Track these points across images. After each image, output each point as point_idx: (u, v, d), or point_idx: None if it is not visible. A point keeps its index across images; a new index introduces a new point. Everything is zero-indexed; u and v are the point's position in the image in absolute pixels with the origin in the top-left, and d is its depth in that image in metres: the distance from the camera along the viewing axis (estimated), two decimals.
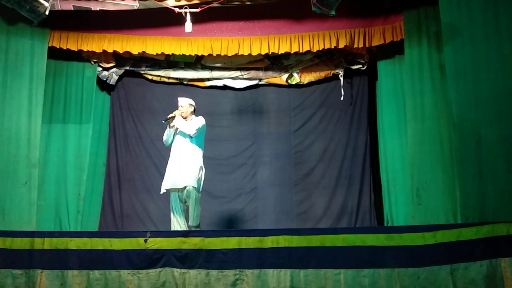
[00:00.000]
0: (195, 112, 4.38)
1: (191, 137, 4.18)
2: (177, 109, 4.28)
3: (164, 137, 4.30)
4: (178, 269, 3.36)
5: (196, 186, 4.12)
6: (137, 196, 5.46)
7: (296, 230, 4.13)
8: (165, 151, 5.55)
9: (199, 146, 4.24)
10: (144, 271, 3.37)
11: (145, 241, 3.41)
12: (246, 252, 3.37)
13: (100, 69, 5.52)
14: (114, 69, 5.60)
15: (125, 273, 3.36)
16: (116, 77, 5.66)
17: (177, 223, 4.18)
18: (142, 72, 5.67)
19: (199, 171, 4.17)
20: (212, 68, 5.60)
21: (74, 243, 3.47)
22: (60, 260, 3.43)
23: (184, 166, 4.09)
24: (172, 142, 4.28)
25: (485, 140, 4.02)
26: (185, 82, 5.74)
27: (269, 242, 3.41)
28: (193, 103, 4.35)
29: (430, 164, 4.47)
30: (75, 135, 5.24)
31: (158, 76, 5.69)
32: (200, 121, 4.25)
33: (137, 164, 5.56)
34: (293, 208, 5.41)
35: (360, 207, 5.34)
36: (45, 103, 4.94)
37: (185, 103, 4.30)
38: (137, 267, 3.37)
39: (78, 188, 5.13)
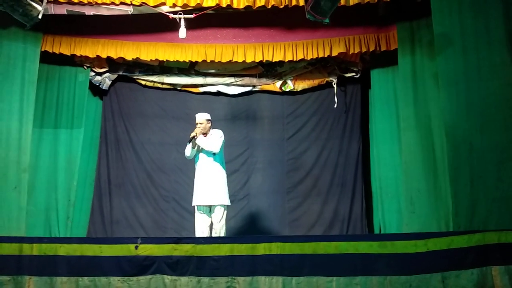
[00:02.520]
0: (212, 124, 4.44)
1: (215, 154, 4.27)
2: (196, 127, 4.31)
3: (187, 154, 4.36)
4: (169, 276, 3.32)
5: (225, 204, 4.27)
6: (127, 201, 5.42)
7: (288, 237, 4.11)
8: (156, 156, 5.55)
9: (221, 160, 4.35)
10: (135, 278, 3.33)
11: (136, 247, 3.37)
12: (238, 259, 3.35)
13: (93, 74, 5.50)
14: (107, 74, 5.58)
15: (115, 280, 3.32)
16: (109, 82, 5.64)
17: (201, 233, 4.24)
18: (135, 77, 5.65)
19: (227, 187, 4.33)
20: (206, 74, 5.60)
21: (63, 249, 3.42)
22: (49, 267, 3.38)
23: (212, 186, 4.22)
24: (196, 159, 4.37)
25: (477, 148, 4.05)
26: (178, 88, 5.73)
27: (262, 249, 3.39)
28: (210, 117, 4.40)
29: (423, 173, 4.50)
30: (66, 140, 5.20)
31: (152, 81, 5.67)
32: (219, 136, 4.33)
33: (128, 170, 5.52)
34: (286, 215, 5.41)
35: (352, 214, 5.34)
36: (36, 107, 4.89)
37: (203, 119, 4.33)
38: (127, 274, 3.33)
39: (68, 194, 5.08)
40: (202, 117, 4.35)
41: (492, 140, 4.01)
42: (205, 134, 4.33)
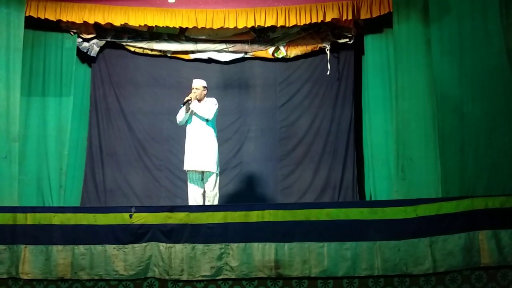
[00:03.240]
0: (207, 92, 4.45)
1: (208, 120, 4.28)
2: (192, 91, 4.34)
3: (179, 118, 4.39)
4: (164, 244, 3.38)
5: (217, 172, 4.31)
6: (120, 170, 5.41)
7: (281, 205, 4.18)
8: (148, 125, 5.52)
9: (214, 127, 4.40)
10: (130, 245, 3.38)
11: (130, 216, 3.41)
12: (231, 226, 3.41)
13: (80, 40, 5.35)
14: (94, 40, 5.43)
15: (111, 248, 3.37)
16: (97, 49, 5.49)
17: (194, 201, 4.29)
18: (124, 43, 5.51)
19: (218, 154, 4.35)
20: (196, 41, 5.48)
21: (57, 219, 3.44)
22: (44, 235, 3.41)
23: (204, 150, 4.25)
24: (187, 123, 4.39)
25: (468, 116, 4.09)
26: (168, 55, 5.61)
27: (254, 216, 3.45)
28: (206, 84, 4.43)
29: (415, 141, 4.53)
30: (55, 109, 5.13)
31: (141, 48, 5.54)
32: (214, 103, 4.38)
33: (120, 138, 5.48)
34: (278, 182, 5.46)
35: (344, 181, 5.41)
36: (23, 75, 4.78)
37: (200, 85, 4.38)
38: (122, 242, 3.38)
39: (60, 163, 5.06)
40: (199, 83, 4.39)
41: (484, 108, 4.04)
42: (199, 100, 4.35)
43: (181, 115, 4.36)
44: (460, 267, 3.39)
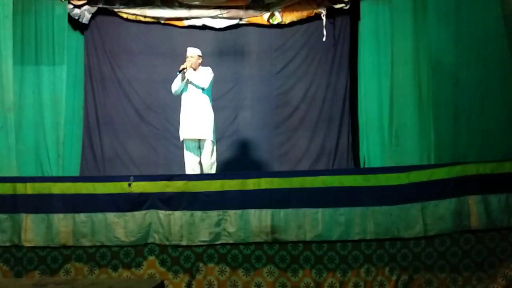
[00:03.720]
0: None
1: (203, 89, 4.26)
2: (186, 60, 4.32)
3: (175, 88, 4.38)
4: (163, 211, 3.45)
5: (213, 140, 4.34)
6: (117, 139, 5.44)
7: (276, 173, 4.25)
8: (143, 93, 5.50)
9: (209, 96, 4.40)
10: (130, 213, 3.45)
11: (129, 185, 3.46)
12: (228, 194, 3.47)
13: (71, 6, 5.24)
14: (86, 7, 5.32)
15: (111, 216, 3.43)
16: (89, 16, 5.39)
17: (192, 170, 4.34)
18: (116, 10, 5.40)
19: (213, 122, 4.38)
20: (190, 7, 5.38)
21: (57, 188, 3.49)
22: (44, 204, 3.46)
23: (200, 118, 4.27)
24: (182, 92, 4.37)
25: (462, 83, 4.10)
26: (162, 22, 5.51)
27: (251, 184, 3.50)
28: (201, 53, 4.41)
29: (409, 107, 4.56)
30: (49, 77, 5.08)
31: (134, 14, 5.44)
32: (209, 72, 4.36)
33: (116, 107, 5.48)
34: (274, 149, 5.52)
35: (338, 148, 5.48)
36: (15, 43, 4.68)
37: (194, 54, 4.36)
38: (122, 210, 3.44)
39: (57, 132, 5.06)
40: (193, 52, 4.37)
41: (478, 75, 4.05)
42: (194, 69, 4.33)
43: (176, 84, 4.35)
44: (450, 231, 3.50)
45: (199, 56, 4.38)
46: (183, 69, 4.26)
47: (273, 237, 3.43)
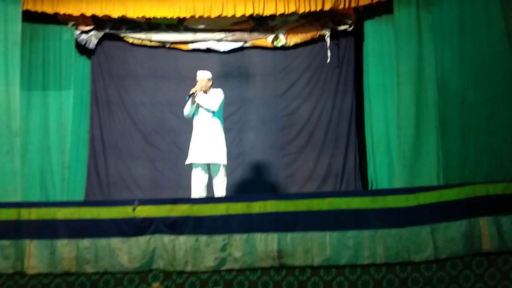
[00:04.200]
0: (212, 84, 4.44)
1: (214, 112, 4.28)
2: (196, 84, 4.33)
3: (186, 112, 4.38)
4: (167, 236, 3.41)
5: (225, 163, 4.31)
6: (123, 162, 5.43)
7: (283, 195, 4.21)
8: (149, 116, 5.51)
9: (220, 118, 4.38)
10: (134, 238, 3.41)
11: (133, 209, 3.43)
12: (234, 218, 3.43)
13: (78, 32, 5.32)
14: (93, 32, 5.40)
15: (115, 241, 3.40)
16: (96, 41, 5.46)
17: (199, 194, 4.28)
18: (122, 35, 5.48)
19: (225, 147, 4.36)
20: (195, 30, 5.44)
21: (61, 213, 3.47)
22: (48, 230, 3.44)
23: (210, 142, 4.23)
24: (193, 115, 4.39)
25: (469, 102, 4.08)
26: (167, 45, 5.58)
27: (257, 207, 3.47)
28: (211, 76, 4.42)
29: (417, 127, 4.53)
30: (55, 102, 5.13)
31: (139, 39, 5.51)
32: (220, 94, 4.35)
33: (121, 130, 5.49)
34: (280, 171, 5.47)
35: (346, 169, 5.42)
36: (22, 69, 4.78)
37: (204, 77, 4.37)
38: (126, 235, 3.41)
39: (62, 156, 5.07)
40: (203, 75, 4.38)
41: (484, 94, 4.04)
42: (205, 92, 4.34)
43: (187, 108, 4.36)
44: (462, 254, 3.42)
45: (209, 79, 4.38)
46: (193, 93, 4.26)
47: (280, 262, 3.37)
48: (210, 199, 4.08)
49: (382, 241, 3.43)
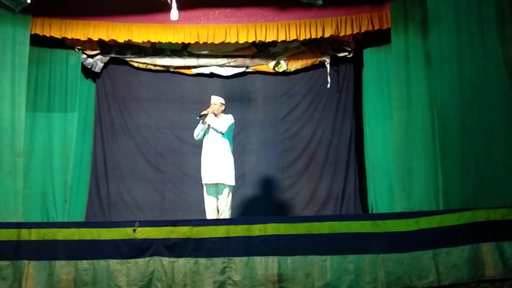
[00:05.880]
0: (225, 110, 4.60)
1: (222, 133, 4.39)
2: (210, 107, 4.50)
3: (196, 132, 4.52)
4: (167, 258, 3.39)
5: (233, 185, 4.40)
6: (124, 184, 5.45)
7: (283, 218, 4.19)
8: (151, 139, 5.56)
9: (229, 140, 4.51)
10: (133, 260, 3.39)
11: (134, 230, 3.43)
12: (234, 240, 3.42)
13: (84, 56, 5.44)
14: (99, 57, 5.52)
15: (114, 263, 3.38)
16: (101, 65, 5.58)
17: (211, 215, 4.34)
18: (127, 59, 5.60)
19: (234, 168, 4.45)
20: (198, 56, 5.56)
21: (61, 234, 3.47)
22: (47, 251, 3.43)
23: (218, 163, 4.34)
24: (203, 137, 4.51)
25: (468, 127, 4.10)
26: (171, 70, 5.69)
27: (257, 230, 3.46)
28: (224, 101, 4.59)
29: (415, 151, 4.56)
30: (60, 124, 5.19)
31: (144, 63, 5.63)
32: (230, 119, 4.51)
33: (124, 153, 5.53)
34: (280, 194, 5.47)
35: (346, 193, 5.42)
36: (28, 91, 4.87)
37: (218, 102, 4.55)
38: (125, 257, 3.39)
39: (65, 177, 5.10)
40: (216, 99, 4.56)
41: (483, 119, 4.06)
42: (216, 115, 4.48)
43: (198, 129, 4.49)
44: (466, 280, 3.37)
45: (222, 103, 4.55)
46: (204, 114, 4.40)
47: (280, 286, 3.34)
48: (210, 221, 4.09)
49: (383, 266, 3.40)
